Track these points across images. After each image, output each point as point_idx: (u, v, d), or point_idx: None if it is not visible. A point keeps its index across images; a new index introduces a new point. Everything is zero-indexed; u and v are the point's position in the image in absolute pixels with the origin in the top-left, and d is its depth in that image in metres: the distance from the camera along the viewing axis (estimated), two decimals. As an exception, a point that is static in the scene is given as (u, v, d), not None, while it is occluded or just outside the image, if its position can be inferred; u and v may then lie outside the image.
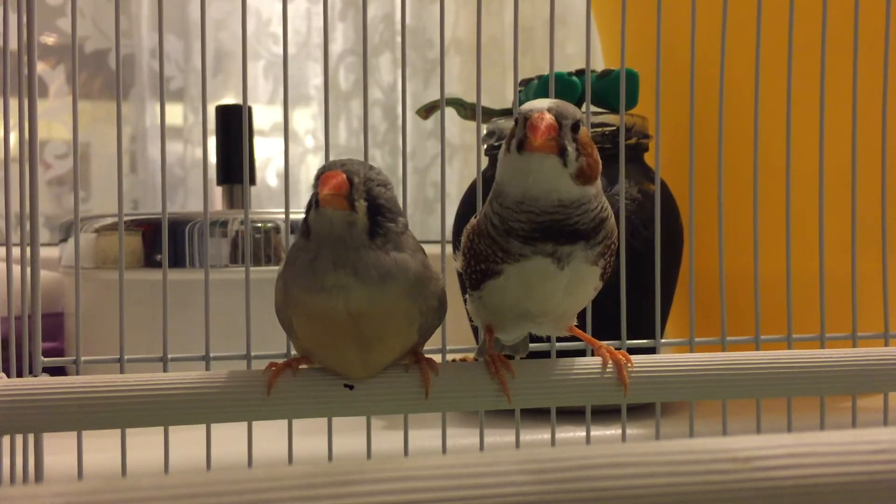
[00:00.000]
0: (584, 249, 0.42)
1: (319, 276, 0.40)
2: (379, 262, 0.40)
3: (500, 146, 0.71)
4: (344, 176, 0.39)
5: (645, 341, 0.56)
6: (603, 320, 0.55)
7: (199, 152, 1.14)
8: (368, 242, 0.40)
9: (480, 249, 0.43)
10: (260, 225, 0.73)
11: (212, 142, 0.87)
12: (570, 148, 0.41)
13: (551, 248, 0.41)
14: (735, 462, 0.29)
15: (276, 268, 0.45)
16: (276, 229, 0.73)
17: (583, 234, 0.42)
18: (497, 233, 0.42)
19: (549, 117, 0.40)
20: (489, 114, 0.74)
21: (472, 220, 0.45)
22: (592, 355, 0.47)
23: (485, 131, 0.74)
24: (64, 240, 0.80)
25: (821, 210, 0.58)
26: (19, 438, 0.50)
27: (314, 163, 1.20)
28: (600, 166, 0.43)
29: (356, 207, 0.40)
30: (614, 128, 0.69)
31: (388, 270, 0.40)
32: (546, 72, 0.62)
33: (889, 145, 0.59)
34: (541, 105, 0.41)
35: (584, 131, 0.42)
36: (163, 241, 0.52)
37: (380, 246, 0.40)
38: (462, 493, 0.27)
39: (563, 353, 0.54)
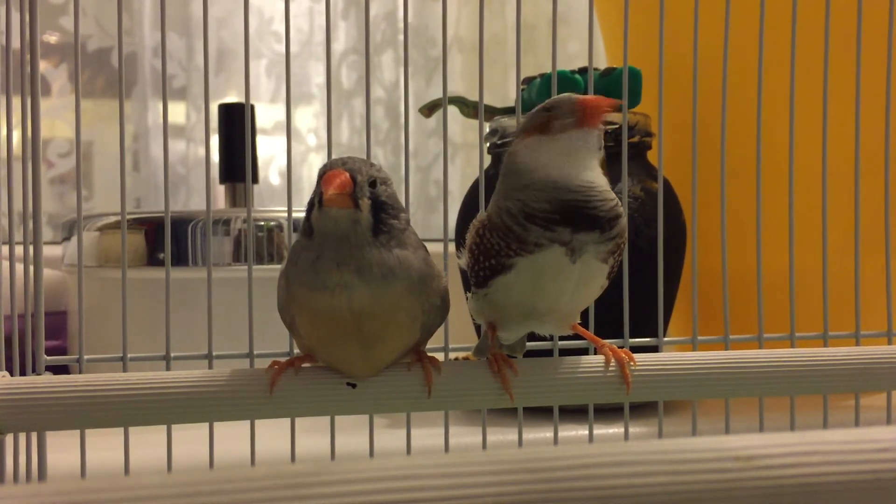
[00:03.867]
0: (597, 243, 0.42)
1: (322, 275, 0.40)
2: (382, 259, 0.40)
3: (501, 144, 0.71)
4: (347, 175, 0.39)
5: (647, 339, 0.56)
6: (606, 318, 0.55)
7: (201, 151, 1.14)
8: (372, 240, 0.40)
9: (492, 244, 0.43)
10: (263, 223, 0.73)
11: (214, 140, 0.87)
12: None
13: (568, 235, 0.41)
14: (738, 461, 0.29)
15: (279, 266, 0.45)
16: (279, 228, 0.73)
17: (599, 222, 0.42)
18: (514, 221, 0.42)
19: (592, 97, 0.42)
20: (491, 112, 0.74)
21: (482, 215, 0.45)
22: (595, 354, 0.47)
23: (487, 130, 0.74)
24: (67, 238, 0.80)
25: (824, 208, 0.58)
26: (22, 437, 0.50)
27: (316, 161, 1.20)
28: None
29: (360, 205, 0.40)
30: (617, 126, 0.69)
31: (391, 268, 0.40)
32: (548, 70, 0.61)
33: (892, 143, 0.59)
34: (570, 96, 0.43)
35: None
36: (165, 240, 0.52)
37: (383, 243, 0.40)
38: (464, 491, 0.27)
39: (565, 352, 0.54)
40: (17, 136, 0.51)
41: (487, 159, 0.74)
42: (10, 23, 0.49)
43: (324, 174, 0.40)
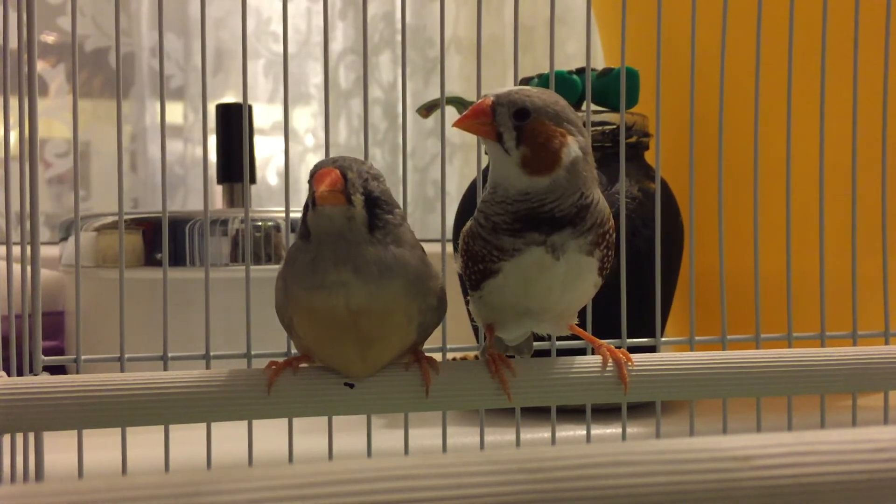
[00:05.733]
0: (575, 238, 0.42)
1: (320, 275, 0.40)
2: (379, 257, 0.40)
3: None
4: (338, 172, 0.39)
5: (645, 340, 0.56)
6: (603, 319, 0.55)
7: (199, 151, 1.14)
8: (368, 237, 0.40)
9: (476, 250, 0.43)
10: (260, 223, 0.73)
11: (212, 140, 0.87)
12: (507, 135, 0.41)
13: (540, 237, 0.41)
14: (735, 461, 0.29)
15: (277, 266, 0.45)
16: (277, 228, 0.73)
17: (563, 221, 0.42)
18: (486, 232, 0.43)
19: (486, 101, 0.41)
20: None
21: (468, 223, 0.45)
22: (593, 354, 0.47)
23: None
24: (64, 238, 0.80)
25: (821, 208, 0.58)
26: (20, 437, 0.50)
27: (314, 161, 1.19)
28: (558, 159, 0.41)
29: (353, 201, 0.40)
30: (615, 126, 0.69)
31: (388, 267, 0.40)
32: (546, 70, 0.62)
33: (889, 143, 0.59)
34: (496, 90, 0.42)
35: (540, 122, 0.41)
36: (163, 240, 0.52)
37: (380, 240, 0.40)
38: (462, 491, 0.27)
39: (563, 352, 0.54)
40: (14, 136, 0.52)
41: (485, 160, 0.74)
42: (8, 22, 0.49)
43: (315, 174, 0.40)
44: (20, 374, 0.50)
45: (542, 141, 0.41)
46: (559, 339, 0.55)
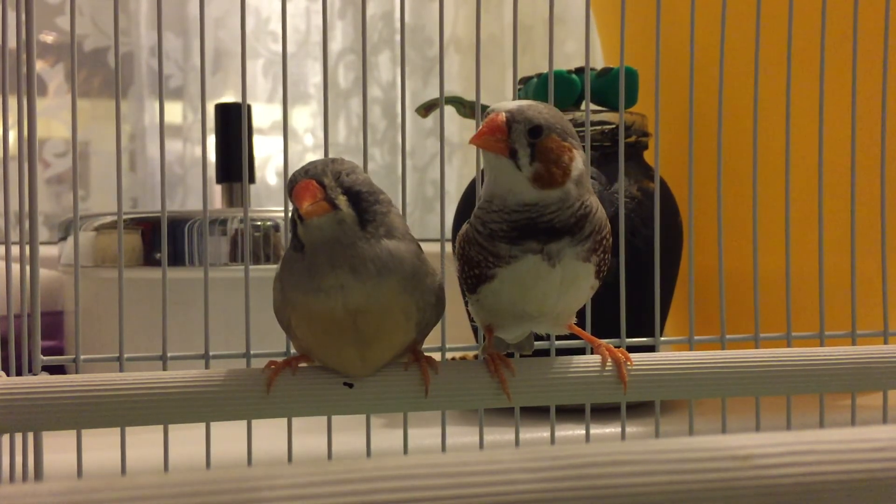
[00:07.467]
0: (573, 245, 0.42)
1: (317, 279, 0.40)
2: (375, 253, 0.40)
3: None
4: (314, 181, 0.39)
5: (644, 339, 0.56)
6: (602, 318, 0.55)
7: (198, 150, 1.14)
8: (362, 234, 0.40)
9: (472, 255, 0.43)
10: (259, 223, 0.73)
11: (211, 140, 0.87)
12: (522, 152, 0.41)
13: (538, 245, 0.41)
14: (734, 460, 0.29)
15: (276, 266, 0.45)
16: (276, 228, 0.73)
17: (563, 231, 0.42)
18: (482, 238, 0.43)
19: (500, 118, 0.41)
20: (488, 112, 0.74)
21: (464, 227, 0.45)
22: (592, 353, 0.47)
23: (484, 129, 0.74)
24: (63, 238, 0.80)
25: (820, 208, 0.58)
26: (19, 437, 0.50)
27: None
28: (568, 173, 0.42)
29: (338, 204, 0.40)
30: (614, 126, 0.69)
31: (384, 264, 0.40)
32: (545, 70, 0.62)
33: (889, 143, 0.59)
34: (505, 105, 0.42)
35: (552, 139, 0.41)
36: (162, 240, 0.52)
37: (373, 233, 0.40)
38: (461, 491, 0.27)
39: (562, 351, 0.54)
40: (13, 135, 0.51)
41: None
42: (7, 22, 0.49)
43: (292, 190, 0.40)
44: (19, 373, 0.50)
45: (555, 157, 0.41)
46: (558, 338, 0.55)
